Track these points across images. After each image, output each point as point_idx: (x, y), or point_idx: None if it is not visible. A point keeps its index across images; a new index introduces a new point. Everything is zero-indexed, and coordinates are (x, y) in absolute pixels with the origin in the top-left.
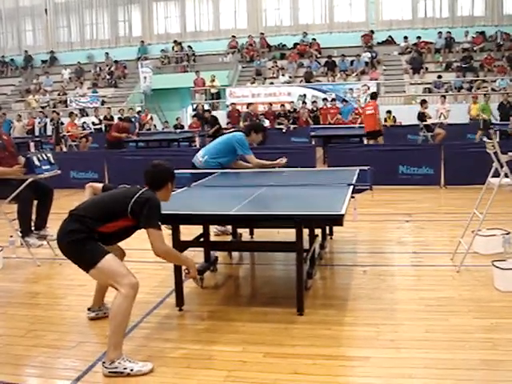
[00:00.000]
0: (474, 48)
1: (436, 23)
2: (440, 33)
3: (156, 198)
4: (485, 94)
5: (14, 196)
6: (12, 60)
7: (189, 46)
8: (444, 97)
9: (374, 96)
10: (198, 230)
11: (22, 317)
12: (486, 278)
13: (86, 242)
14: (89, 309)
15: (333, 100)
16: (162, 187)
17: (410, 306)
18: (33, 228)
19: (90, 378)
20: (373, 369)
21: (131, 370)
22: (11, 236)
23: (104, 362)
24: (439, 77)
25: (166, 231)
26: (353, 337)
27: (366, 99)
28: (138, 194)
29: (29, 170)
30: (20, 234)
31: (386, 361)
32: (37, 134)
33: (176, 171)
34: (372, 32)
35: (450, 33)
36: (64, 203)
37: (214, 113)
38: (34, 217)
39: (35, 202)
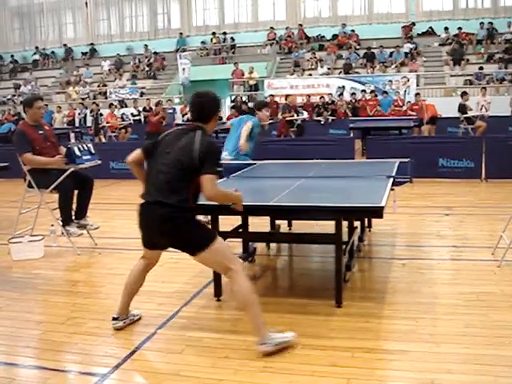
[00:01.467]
0: None
1: (478, 14)
2: (482, 23)
3: (214, 142)
4: None
5: (55, 186)
6: (53, 52)
7: (231, 38)
8: (485, 89)
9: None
10: (236, 221)
11: (63, 304)
12: None
13: (193, 223)
14: (115, 318)
15: (372, 92)
16: (211, 118)
17: (450, 301)
18: (73, 217)
19: (129, 366)
20: (411, 363)
21: (283, 339)
22: (52, 225)
23: (261, 344)
24: (480, 68)
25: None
26: (391, 330)
27: (405, 91)
28: (198, 147)
29: (70, 160)
30: (61, 223)
31: (425, 355)
32: (77, 125)
33: None
34: (413, 24)
35: (492, 23)
36: (103, 193)
37: (252, 105)
38: (74, 206)
39: (76, 192)
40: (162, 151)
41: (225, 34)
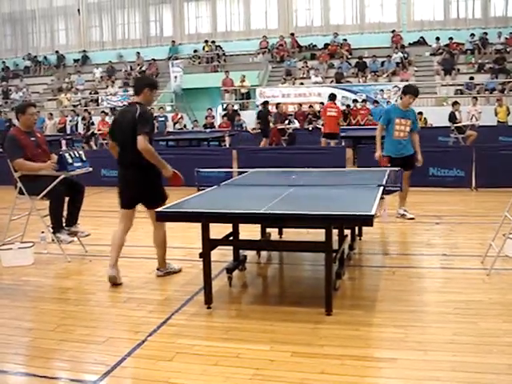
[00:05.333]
0: (508, 49)
1: (468, 24)
2: (472, 34)
3: (145, 109)
4: None
5: (46, 192)
6: (45, 59)
7: (219, 46)
8: (476, 98)
9: (332, 97)
10: (226, 228)
11: (53, 311)
12: None
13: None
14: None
15: (363, 101)
16: (141, 91)
17: (439, 309)
18: (64, 224)
19: (119, 373)
20: (400, 370)
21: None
22: (43, 232)
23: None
24: (471, 78)
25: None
26: (380, 338)
27: (396, 100)
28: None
29: (61, 166)
30: (51, 230)
31: (414, 363)
32: (68, 132)
33: (205, 170)
34: (393, 30)
35: (483, 34)
36: (94, 200)
37: (243, 113)
38: (65, 213)
39: (67, 199)
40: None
41: (213, 42)
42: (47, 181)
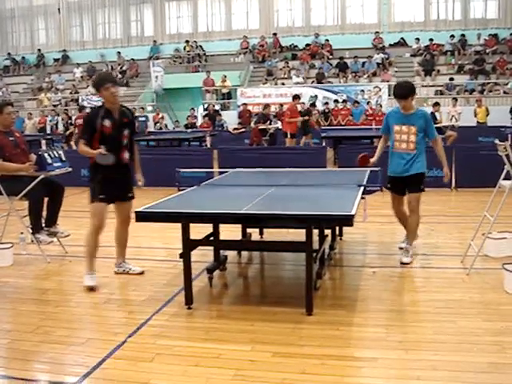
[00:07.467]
0: (487, 50)
1: (448, 25)
2: (452, 35)
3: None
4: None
5: (25, 193)
6: (24, 58)
7: (200, 46)
8: (455, 99)
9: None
10: (207, 228)
11: (32, 313)
12: (496, 281)
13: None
14: None
15: (344, 101)
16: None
17: (419, 308)
18: (43, 225)
19: (99, 375)
20: (381, 370)
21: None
22: (22, 233)
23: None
24: (451, 79)
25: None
26: (361, 338)
27: (377, 101)
28: None
29: (40, 167)
30: (30, 231)
31: (394, 362)
32: (48, 131)
33: (185, 170)
34: (376, 32)
35: (462, 35)
36: (74, 201)
37: (224, 113)
38: (44, 214)
39: (46, 199)
40: None
41: (195, 42)
42: (26, 181)
